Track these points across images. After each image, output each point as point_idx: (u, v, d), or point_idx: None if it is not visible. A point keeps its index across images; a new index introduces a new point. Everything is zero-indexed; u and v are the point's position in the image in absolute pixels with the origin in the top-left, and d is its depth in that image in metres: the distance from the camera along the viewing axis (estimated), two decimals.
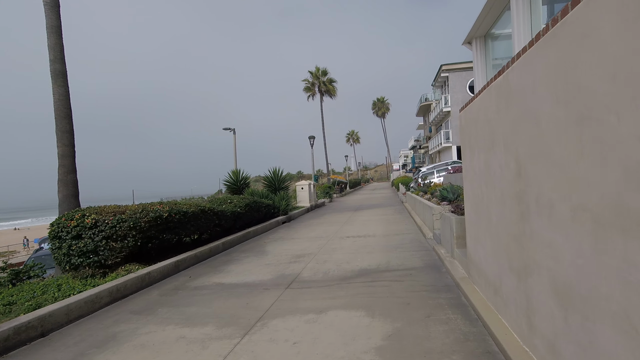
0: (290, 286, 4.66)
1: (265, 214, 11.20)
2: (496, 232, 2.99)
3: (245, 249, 7.61)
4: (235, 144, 18.15)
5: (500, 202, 2.83)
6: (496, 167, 2.90)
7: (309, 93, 37.62)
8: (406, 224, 9.67)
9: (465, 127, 3.92)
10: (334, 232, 9.12)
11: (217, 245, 7.31)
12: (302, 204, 16.43)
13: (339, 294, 4.20)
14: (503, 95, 2.65)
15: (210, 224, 7.46)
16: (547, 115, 1.97)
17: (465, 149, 4.01)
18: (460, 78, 26.95)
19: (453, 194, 7.70)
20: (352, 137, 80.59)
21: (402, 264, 5.36)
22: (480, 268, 3.59)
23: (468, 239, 4.11)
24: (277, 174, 14.90)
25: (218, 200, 9.39)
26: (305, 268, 5.58)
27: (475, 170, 3.58)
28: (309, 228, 10.45)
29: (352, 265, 5.55)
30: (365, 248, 6.80)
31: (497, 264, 3.02)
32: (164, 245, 6.52)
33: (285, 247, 7.52)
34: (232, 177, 13.58)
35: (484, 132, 3.20)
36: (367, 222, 10.67)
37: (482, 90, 3.19)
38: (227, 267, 6.05)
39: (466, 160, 4.00)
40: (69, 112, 6.61)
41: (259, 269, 5.77)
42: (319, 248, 7.14)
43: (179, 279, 5.44)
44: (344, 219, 12.13)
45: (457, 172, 13.95)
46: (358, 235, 8.32)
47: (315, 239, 8.36)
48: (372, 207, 16.24)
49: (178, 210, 6.26)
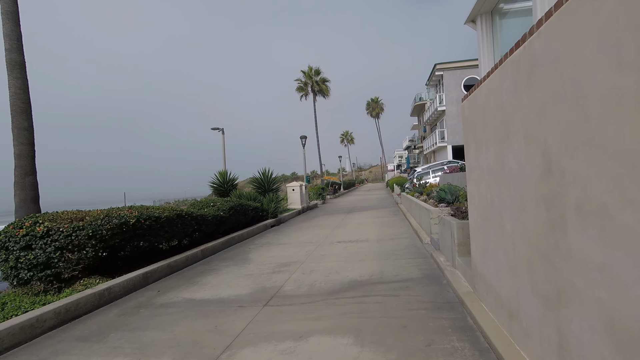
0: (270, 303, 4.06)
1: (253, 217, 10.58)
2: (512, 244, 2.42)
3: (226, 257, 6.98)
4: (224, 144, 17.50)
5: (519, 207, 2.26)
6: (512, 164, 2.33)
7: (302, 93, 37.03)
8: (401, 227, 9.11)
9: (470, 117, 3.36)
10: (324, 237, 8.53)
11: (195, 253, 6.68)
12: (293, 206, 15.82)
13: (324, 314, 3.60)
14: (523, 72, 2.09)
15: (188, 230, 6.83)
16: (601, 89, 1.40)
17: (469, 144, 3.45)
18: (455, 76, 26.54)
19: (451, 195, 7.16)
20: (346, 137, 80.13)
21: (397, 274, 4.79)
22: (489, 283, 3.02)
23: (473, 247, 3.55)
24: (267, 175, 14.27)
25: (200, 204, 8.76)
26: (289, 280, 4.98)
27: (483, 168, 3.01)
28: (299, 232, 9.85)
29: (342, 275, 4.96)
30: (357, 255, 6.22)
31: (513, 283, 2.45)
32: (136, 254, 5.90)
33: (270, 254, 6.91)
34: (218, 179, 12.93)
35: (495, 121, 2.63)
36: (360, 226, 10.10)
37: (493, 70, 2.63)
38: (202, 278, 5.43)
39: (470, 156, 3.44)
40: (28, 107, 5.95)
41: (238, 280, 5.16)
42: (307, 255, 6.55)
43: (146, 294, 4.81)
44: (336, 221, 11.55)
45: (453, 172, 13.46)
46: (350, 240, 7.74)
47: (304, 244, 7.76)
48: (366, 208, 15.68)
49: (149, 216, 5.63)
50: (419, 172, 17.49)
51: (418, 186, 14.14)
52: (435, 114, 29.93)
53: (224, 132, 17.47)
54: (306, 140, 18.99)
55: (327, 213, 15.01)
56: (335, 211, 15.63)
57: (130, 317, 3.95)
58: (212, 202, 8.77)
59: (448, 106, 26.80)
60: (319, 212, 15.68)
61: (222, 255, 7.23)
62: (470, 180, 3.52)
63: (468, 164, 3.54)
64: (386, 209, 14.48)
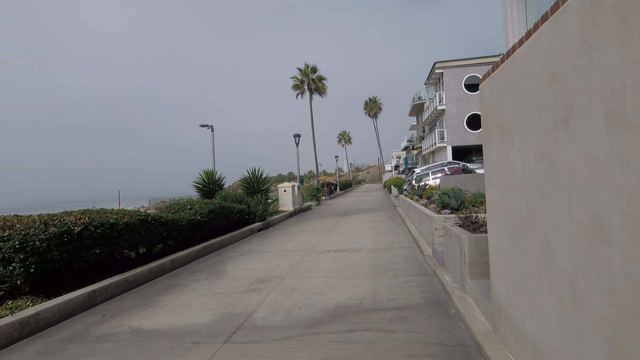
0: (233, 338, 3.20)
1: (238, 220, 9.71)
2: (571, 288, 1.57)
3: (199, 268, 6.11)
4: (214, 142, 16.62)
5: (592, 235, 1.41)
6: (577, 165, 1.49)
7: (298, 91, 36.12)
8: (399, 234, 8.27)
9: (494, 101, 2.51)
10: (313, 244, 7.68)
11: (163, 265, 5.81)
12: (285, 208, 14.95)
13: (299, 357, 2.75)
14: (613, 6, 1.24)
15: (154, 238, 5.96)
16: None
17: (491, 137, 2.61)
18: (455, 74, 25.73)
19: (456, 201, 6.32)
20: (343, 137, 79.28)
21: (394, 298, 3.94)
22: (521, 330, 2.18)
23: (494, 273, 2.71)
24: (256, 174, 13.39)
25: (177, 206, 7.89)
26: (263, 302, 4.12)
27: (515, 170, 2.17)
28: (287, 237, 8.98)
29: (327, 298, 4.11)
30: (348, 269, 5.37)
31: (571, 345, 1.61)
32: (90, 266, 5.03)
33: (249, 266, 6.04)
34: (203, 179, 12.04)
35: (540, 101, 1.79)
36: (354, 231, 9.24)
37: (538, 26, 1.78)
38: (162, 298, 4.56)
39: (493, 153, 2.59)
40: None
41: (203, 302, 4.29)
42: (291, 267, 5.69)
43: (87, 320, 3.93)
44: (329, 226, 10.69)
45: (455, 173, 12.64)
46: (341, 249, 6.89)
47: (289, 253, 6.91)
48: (361, 211, 14.84)
49: (101, 222, 4.75)
50: (418, 174, 16.66)
51: (417, 188, 13.32)
52: (435, 114, 29.13)
53: (213, 130, 16.58)
54: (299, 138, 18.13)
55: (321, 216, 14.15)
56: (329, 214, 14.78)
57: (53, 356, 3.08)
58: (190, 204, 7.90)
59: (448, 105, 25.99)
60: (311, 215, 14.82)
61: (195, 266, 6.35)
62: (491, 185, 2.67)
63: (489, 163, 2.69)
64: (383, 212, 13.64)
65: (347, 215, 13.42)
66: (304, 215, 14.75)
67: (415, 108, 39.71)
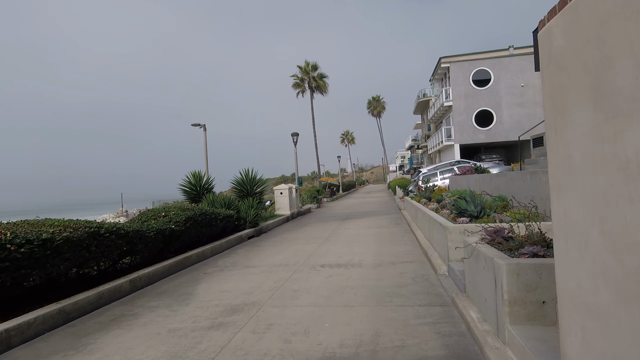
0: None
1: (224, 227, 8.68)
2: None
3: (164, 290, 5.08)
4: (206, 142, 15.63)
5: None
6: None
7: (299, 90, 35.08)
8: (406, 244, 7.20)
9: (577, 48, 1.44)
10: (306, 256, 6.63)
11: (119, 287, 4.78)
12: (282, 212, 13.90)
13: None
14: None
15: (111, 253, 4.94)
16: None
17: (568, 110, 1.53)
18: (462, 69, 24.53)
19: (475, 206, 5.23)
20: (346, 137, 78.12)
21: (402, 345, 2.87)
22: None
23: (573, 341, 1.64)
24: (249, 176, 12.35)
25: (150, 213, 6.89)
26: (226, 347, 3.08)
27: (631, 165, 1.10)
28: (278, 247, 7.94)
29: (311, 342, 3.06)
30: (343, 293, 4.31)
31: None
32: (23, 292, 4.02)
33: (225, 287, 5.01)
34: (190, 181, 11.04)
35: None
36: (354, 239, 8.18)
37: None
38: (100, 337, 3.53)
39: (571, 138, 1.52)
40: None
41: (149, 345, 3.25)
42: (274, 289, 4.65)
43: None
44: (327, 232, 9.63)
45: (466, 173, 11.53)
46: (337, 264, 5.83)
47: (277, 268, 5.86)
48: (364, 214, 13.76)
49: (27, 239, 3.74)
50: (425, 174, 15.53)
51: (424, 190, 12.23)
52: (441, 111, 27.94)
53: (205, 129, 15.58)
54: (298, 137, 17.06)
55: (319, 220, 13.09)
56: (329, 217, 13.71)
57: None
58: (165, 211, 6.88)
59: (455, 101, 24.81)
60: (310, 219, 13.76)
61: (162, 285, 5.32)
62: (566, 192, 1.60)
63: (561, 154, 1.62)
64: (387, 216, 12.55)
65: (348, 220, 12.35)
66: (301, 220, 13.70)
67: (420, 105, 38.52)
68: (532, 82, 23.60)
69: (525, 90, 23.69)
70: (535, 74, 23.44)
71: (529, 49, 28.17)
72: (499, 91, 24.12)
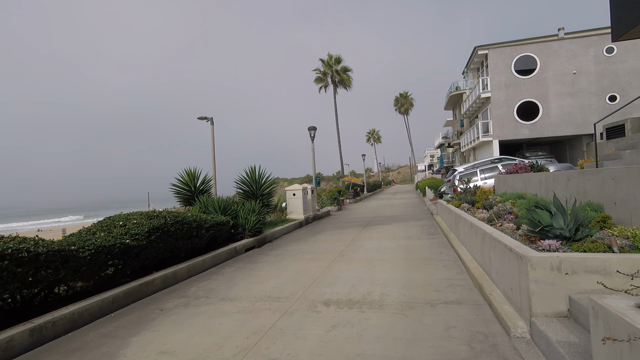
0: None
1: (213, 238, 7.04)
2: None
3: (77, 347, 3.41)
4: (213, 137, 14.17)
5: None
6: None
7: (321, 84, 33.28)
8: (446, 267, 5.22)
9: None
10: (309, 283, 4.83)
11: (8, 345, 3.16)
12: (294, 216, 12.15)
13: None
14: None
15: (4, 287, 3.34)
16: None
17: None
18: (502, 56, 21.76)
19: (566, 222, 3.22)
20: (372, 136, 75.50)
21: None
22: None
23: None
24: (255, 174, 10.68)
25: (108, 221, 5.31)
26: None
27: None
28: (277, 265, 6.18)
29: None
30: None
31: None
32: None
33: (168, 344, 3.28)
34: (183, 180, 9.50)
35: None
36: (375, 256, 6.28)
37: None
38: None
39: None
40: None
41: None
42: (238, 357, 2.87)
43: None
44: (343, 244, 7.78)
45: (517, 171, 9.28)
46: (349, 301, 3.99)
47: (262, 304, 4.10)
48: (389, 220, 11.76)
49: None
50: (462, 173, 13.28)
51: (463, 192, 10.09)
52: (477, 104, 25.23)
53: (212, 123, 14.13)
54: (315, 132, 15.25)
55: (337, 226, 11.23)
56: (349, 223, 11.83)
57: None
58: (125, 219, 5.29)
59: (494, 92, 22.08)
60: (326, 224, 11.92)
61: (83, 336, 3.65)
62: None
63: None
64: (417, 222, 10.52)
65: (370, 226, 10.43)
66: (317, 225, 11.89)
67: (452, 100, 35.67)
68: (586, 68, 20.52)
69: (578, 78, 20.63)
70: (591, 59, 20.38)
71: (583, 32, 24.92)
72: (546, 80, 21.19)
